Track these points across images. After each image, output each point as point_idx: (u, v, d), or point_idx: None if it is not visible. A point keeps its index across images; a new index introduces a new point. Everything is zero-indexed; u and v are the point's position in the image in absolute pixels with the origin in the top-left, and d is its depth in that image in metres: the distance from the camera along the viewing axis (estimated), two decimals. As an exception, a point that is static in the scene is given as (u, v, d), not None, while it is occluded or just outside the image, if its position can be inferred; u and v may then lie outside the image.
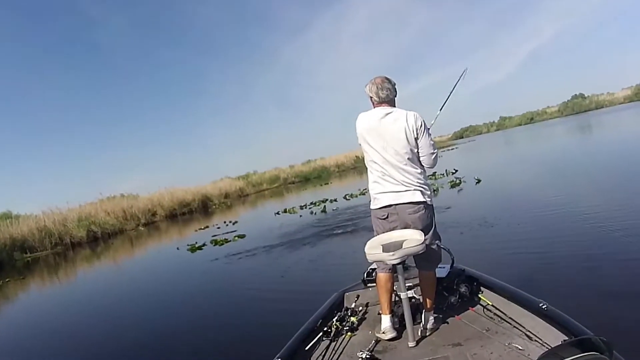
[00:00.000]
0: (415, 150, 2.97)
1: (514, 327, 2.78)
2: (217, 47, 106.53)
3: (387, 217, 3.02)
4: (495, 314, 3.01)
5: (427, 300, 3.06)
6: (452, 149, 43.99)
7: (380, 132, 2.94)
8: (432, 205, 3.06)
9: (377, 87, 3.00)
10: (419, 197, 2.94)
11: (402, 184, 2.94)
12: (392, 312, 3.09)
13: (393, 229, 3.00)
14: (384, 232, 3.01)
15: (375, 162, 2.99)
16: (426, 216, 2.99)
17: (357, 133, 3.07)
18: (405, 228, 2.97)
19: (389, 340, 2.97)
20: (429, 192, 3.01)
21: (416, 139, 2.93)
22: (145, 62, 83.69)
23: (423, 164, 3.03)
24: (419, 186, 2.95)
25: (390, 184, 2.96)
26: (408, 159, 2.93)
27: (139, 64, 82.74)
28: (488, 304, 3.15)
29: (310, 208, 16.30)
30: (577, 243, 5.61)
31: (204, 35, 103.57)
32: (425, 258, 3.01)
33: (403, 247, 2.73)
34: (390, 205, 2.98)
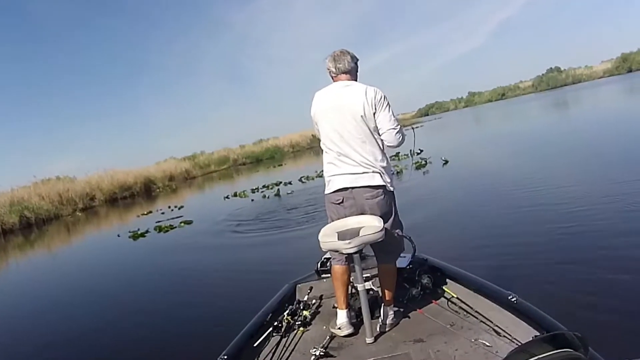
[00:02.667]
0: (376, 128, 2.74)
1: (481, 321, 2.64)
2: (160, 14, 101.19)
3: (342, 202, 2.78)
4: (460, 307, 2.87)
5: (387, 293, 2.86)
6: (417, 127, 43.31)
7: (338, 108, 2.71)
8: (393, 191, 2.85)
9: (334, 59, 2.79)
10: (377, 181, 2.70)
11: (360, 165, 2.70)
12: (349, 306, 2.89)
13: (349, 215, 2.76)
14: (339, 219, 2.78)
15: (331, 141, 2.75)
16: (385, 202, 2.77)
17: (312, 113, 2.84)
18: (362, 214, 2.74)
19: (345, 336, 2.78)
20: (389, 176, 2.80)
21: (374, 113, 2.69)
22: (81, 31, 78.94)
23: (385, 142, 2.79)
24: (379, 168, 2.72)
25: (346, 165, 2.72)
26: (367, 137, 2.71)
27: (74, 33, 78.07)
28: (453, 296, 3.00)
29: (262, 192, 15.82)
30: (549, 231, 5.32)
31: (145, 4, 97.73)
32: (385, 249, 2.79)
33: (360, 235, 2.51)
34: (345, 189, 2.73)
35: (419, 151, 16.42)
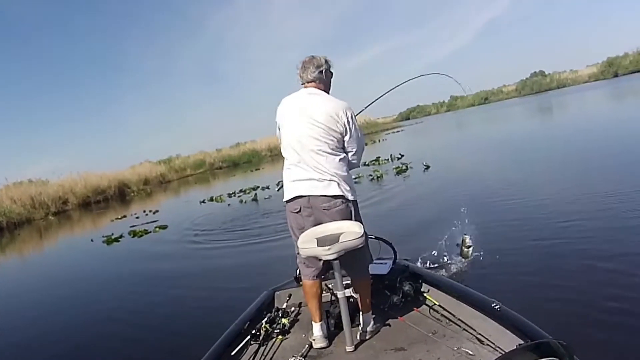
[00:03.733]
0: (337, 139, 2.67)
1: (464, 329, 2.60)
2: (136, 14, 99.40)
3: (299, 211, 2.71)
4: (442, 315, 2.82)
5: (364, 301, 2.80)
6: (397, 132, 42.73)
7: (300, 114, 2.66)
8: (356, 201, 2.77)
9: (302, 68, 2.75)
10: (334, 190, 2.62)
11: (317, 172, 2.62)
12: (328, 316, 2.85)
13: (308, 225, 2.69)
14: (298, 229, 2.71)
15: (291, 147, 2.69)
16: (344, 212, 2.68)
17: (276, 118, 2.79)
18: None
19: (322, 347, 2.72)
20: (349, 186, 2.70)
21: (342, 133, 2.66)
22: (55, 31, 76.99)
23: (351, 160, 2.78)
24: (337, 178, 2.63)
25: (303, 172, 2.65)
26: (328, 146, 2.63)
27: (48, 33, 76.03)
28: (435, 304, 2.94)
29: (239, 196, 15.61)
30: (532, 237, 5.28)
31: (121, 2, 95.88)
32: (351, 263, 2.70)
33: (340, 241, 2.43)
34: (302, 197, 2.66)
35: (399, 155, 16.47)
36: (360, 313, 2.80)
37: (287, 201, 2.74)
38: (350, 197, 2.69)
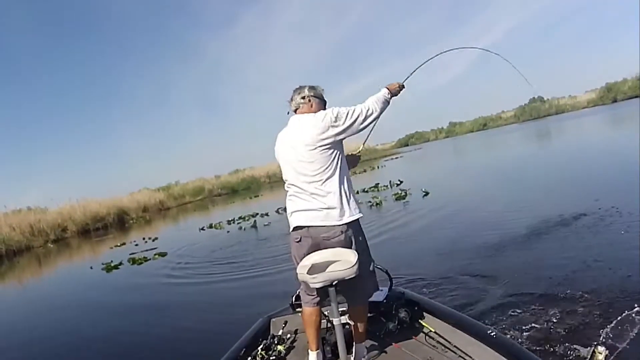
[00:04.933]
0: (333, 149, 2.61)
1: (460, 356, 2.60)
2: (132, 41, 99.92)
3: (300, 241, 2.67)
4: (438, 342, 2.82)
5: (360, 329, 2.78)
6: (396, 158, 42.34)
7: (291, 143, 2.68)
8: (357, 220, 2.67)
9: (291, 98, 2.82)
10: (333, 219, 2.57)
11: (317, 200, 2.59)
12: (324, 343, 2.84)
13: (307, 254, 2.65)
14: (300, 258, 2.66)
15: (289, 178, 2.70)
16: (346, 242, 2.60)
17: (275, 155, 2.82)
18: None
19: None
20: (349, 207, 2.62)
21: (335, 135, 2.59)
22: (50, 58, 77.49)
23: (368, 119, 2.70)
24: (337, 201, 2.57)
25: (303, 202, 2.64)
26: (323, 170, 2.58)
27: (43, 60, 76.50)
28: (431, 330, 2.95)
29: (238, 223, 15.61)
30: (530, 266, 5.17)
31: (117, 29, 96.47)
32: (348, 291, 2.67)
33: (327, 271, 2.39)
34: (302, 227, 2.64)
35: (398, 182, 16.45)
36: (355, 341, 2.79)
37: (291, 231, 2.74)
38: (351, 219, 2.61)
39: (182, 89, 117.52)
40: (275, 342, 3.14)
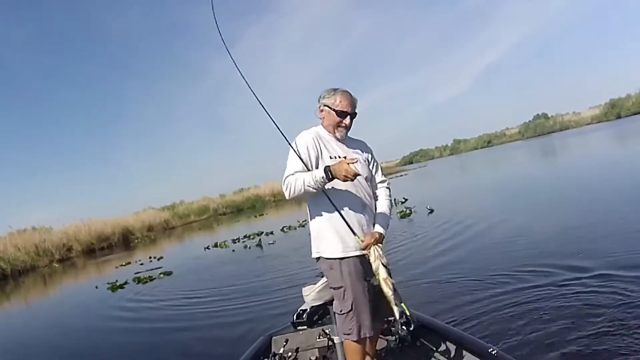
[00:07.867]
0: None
1: None
2: (137, 62, 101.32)
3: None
4: None
5: None
6: (401, 176, 41.97)
7: None
8: (319, 259, 2.65)
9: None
10: (314, 252, 2.63)
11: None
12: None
13: None
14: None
15: None
16: (325, 274, 2.63)
17: None
18: None
19: None
20: (314, 243, 2.63)
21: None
22: (55, 79, 78.57)
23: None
24: (314, 234, 2.61)
25: None
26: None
27: (48, 82, 77.47)
28: (431, 349, 2.95)
29: (243, 242, 15.68)
30: (534, 284, 4.93)
31: (122, 50, 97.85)
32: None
33: (316, 290, 2.56)
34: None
35: (403, 199, 16.38)
36: None
37: None
38: (315, 256, 2.65)
39: (188, 108, 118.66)
40: None
